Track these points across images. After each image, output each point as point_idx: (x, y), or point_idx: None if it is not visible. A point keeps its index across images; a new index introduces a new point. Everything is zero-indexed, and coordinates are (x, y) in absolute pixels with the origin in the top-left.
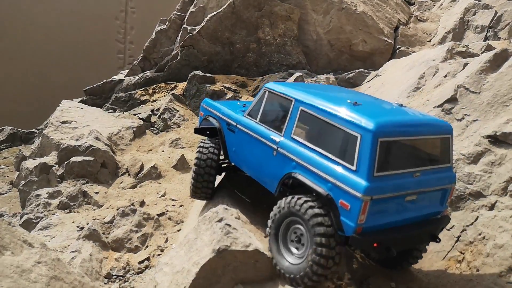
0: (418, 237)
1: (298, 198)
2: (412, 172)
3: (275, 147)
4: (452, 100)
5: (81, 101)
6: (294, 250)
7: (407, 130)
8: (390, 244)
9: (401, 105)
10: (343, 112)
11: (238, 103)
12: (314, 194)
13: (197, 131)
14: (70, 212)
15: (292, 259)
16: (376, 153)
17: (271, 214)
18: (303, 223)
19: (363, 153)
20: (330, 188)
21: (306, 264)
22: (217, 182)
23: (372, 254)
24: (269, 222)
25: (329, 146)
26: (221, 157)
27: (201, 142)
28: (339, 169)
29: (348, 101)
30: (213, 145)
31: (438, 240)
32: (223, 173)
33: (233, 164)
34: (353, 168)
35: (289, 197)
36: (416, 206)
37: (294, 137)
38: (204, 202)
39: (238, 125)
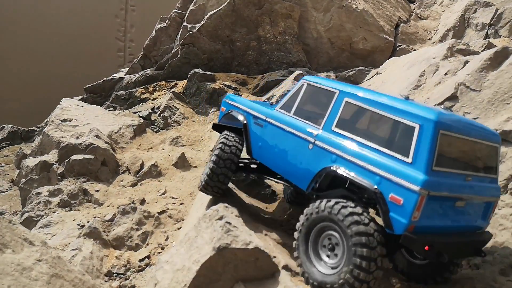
0: (467, 248)
1: (343, 206)
2: (465, 175)
3: (312, 140)
4: (453, 98)
5: (81, 99)
6: (325, 257)
7: (467, 129)
8: (442, 249)
9: (449, 109)
10: (398, 103)
11: (267, 102)
12: (345, 194)
13: (216, 127)
14: (70, 210)
15: (323, 268)
16: (436, 145)
17: (306, 210)
18: (341, 234)
19: (422, 145)
20: (379, 181)
21: (338, 279)
22: None
23: (397, 263)
24: (298, 225)
25: (378, 138)
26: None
27: (225, 136)
28: (390, 162)
29: (399, 95)
30: (238, 141)
31: (483, 254)
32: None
33: (251, 164)
34: (409, 160)
35: (332, 201)
36: (463, 215)
37: (336, 129)
38: (204, 200)
39: (267, 119)
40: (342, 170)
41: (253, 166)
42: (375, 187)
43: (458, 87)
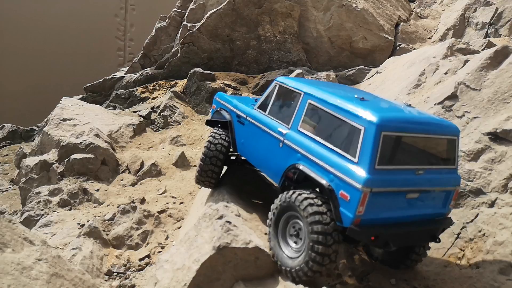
0: (418, 235)
1: (299, 194)
2: (415, 170)
3: (282, 139)
4: (453, 97)
5: (81, 99)
6: (292, 244)
7: (411, 127)
8: (388, 239)
9: (409, 105)
10: (349, 105)
11: (253, 98)
12: (316, 187)
13: (209, 123)
14: (70, 209)
15: (289, 252)
16: (378, 146)
17: (272, 206)
18: (301, 219)
19: (366, 146)
20: (332, 179)
21: (303, 259)
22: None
23: (372, 251)
24: (270, 214)
25: (333, 138)
26: (231, 149)
27: (211, 134)
28: (341, 161)
29: (356, 96)
30: (225, 134)
31: (438, 240)
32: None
33: (241, 157)
34: (355, 160)
35: (290, 192)
36: (417, 205)
37: (301, 129)
38: (204, 200)
39: (247, 117)
40: (304, 168)
41: (243, 158)
42: (328, 184)
43: (458, 86)
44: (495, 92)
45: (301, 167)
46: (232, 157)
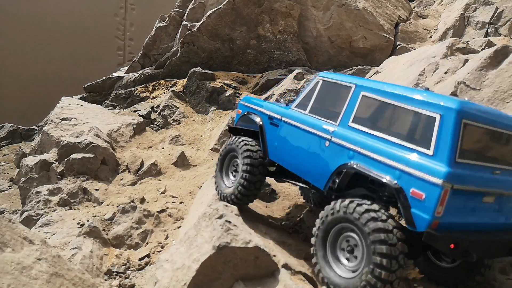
0: (498, 246)
1: (358, 204)
2: (493, 169)
3: (329, 137)
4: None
5: (81, 98)
6: (344, 261)
7: (492, 118)
8: (469, 247)
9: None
10: (417, 94)
11: (278, 103)
12: (367, 193)
13: (232, 130)
14: (70, 209)
15: (341, 271)
16: (459, 135)
17: (321, 214)
18: (359, 234)
19: (444, 135)
20: (399, 176)
21: (359, 282)
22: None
23: (431, 267)
24: (317, 222)
25: (397, 131)
26: None
27: (241, 137)
28: (411, 155)
29: (419, 87)
30: (255, 142)
31: (509, 255)
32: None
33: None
34: (430, 152)
35: (347, 201)
36: (493, 211)
37: (353, 125)
38: (204, 199)
39: (283, 118)
40: (359, 166)
41: (271, 169)
42: (395, 182)
43: (458, 86)
44: (495, 91)
45: (355, 165)
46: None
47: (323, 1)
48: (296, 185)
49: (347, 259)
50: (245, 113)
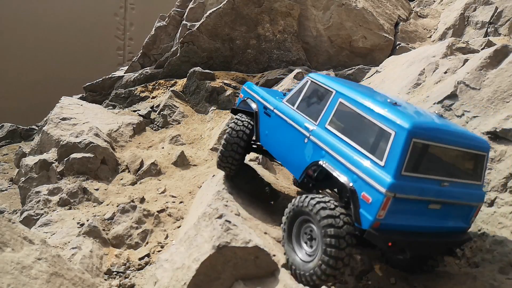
0: (435, 246)
1: (312, 198)
2: (440, 181)
3: (308, 134)
4: (452, 96)
5: (80, 98)
6: (306, 248)
7: (443, 137)
8: (405, 246)
9: (441, 116)
10: (381, 109)
11: (281, 92)
12: (335, 187)
13: (234, 111)
14: (70, 208)
15: (303, 256)
16: (407, 152)
17: (286, 210)
18: (314, 223)
19: (394, 150)
20: (355, 180)
21: (316, 263)
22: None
23: (388, 256)
24: (284, 218)
25: (361, 140)
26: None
27: (234, 120)
28: (367, 163)
29: (388, 100)
30: (248, 121)
31: (454, 254)
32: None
33: (262, 146)
34: (382, 163)
35: (303, 196)
36: (438, 217)
37: (328, 127)
38: (204, 199)
39: (275, 110)
40: (327, 165)
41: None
42: (351, 184)
43: (458, 86)
44: (495, 91)
45: (324, 164)
46: (254, 146)
47: (323, 0)
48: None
49: (310, 246)
50: (245, 98)
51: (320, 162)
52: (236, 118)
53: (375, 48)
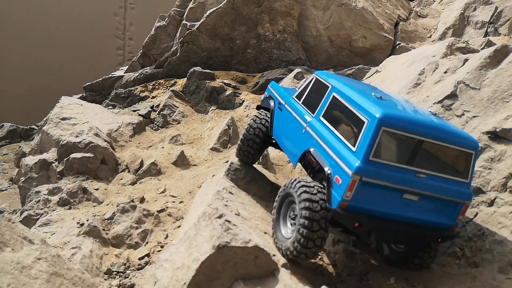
0: (408, 237)
1: (299, 182)
2: (415, 172)
3: (305, 125)
4: (452, 96)
5: (80, 98)
6: (289, 225)
7: (415, 128)
8: (373, 229)
9: (435, 114)
10: (362, 100)
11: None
12: (320, 171)
13: (259, 107)
14: (70, 208)
15: (285, 232)
16: (376, 139)
17: (279, 191)
18: (297, 204)
19: (365, 137)
20: (333, 165)
21: (292, 240)
22: None
23: (381, 249)
24: (276, 198)
25: (343, 129)
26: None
27: (253, 117)
28: (343, 149)
29: (373, 94)
30: (266, 118)
31: (429, 248)
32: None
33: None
34: (354, 149)
35: (293, 179)
36: (416, 208)
37: (321, 118)
38: (203, 199)
39: (285, 104)
40: (314, 153)
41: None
42: (328, 169)
43: (458, 85)
44: (495, 91)
45: (312, 152)
46: (273, 141)
47: (322, 0)
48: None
49: (291, 224)
50: (267, 96)
51: (311, 150)
52: (254, 116)
53: (375, 48)
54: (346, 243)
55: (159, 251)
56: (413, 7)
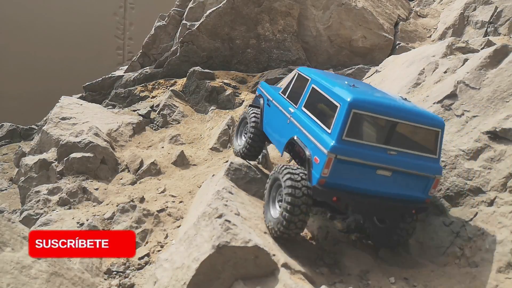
0: (382, 209)
1: (285, 168)
2: (386, 149)
3: (289, 116)
4: (452, 96)
5: (80, 97)
6: (277, 207)
7: (384, 110)
8: (349, 203)
9: (405, 99)
10: (336, 88)
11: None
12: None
13: (251, 106)
14: (70, 208)
15: (274, 213)
16: (347, 120)
17: (270, 174)
18: (283, 188)
19: (338, 119)
20: (312, 147)
21: (276, 221)
22: None
23: (364, 227)
24: (267, 180)
25: (320, 115)
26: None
27: (252, 110)
28: (320, 132)
29: (346, 82)
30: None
31: (403, 220)
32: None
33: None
34: (329, 131)
35: (281, 165)
36: (389, 183)
37: (303, 108)
38: (203, 198)
39: (272, 100)
40: (297, 140)
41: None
42: (309, 152)
43: (458, 85)
44: (495, 91)
45: (296, 139)
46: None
47: (322, 0)
48: None
49: (279, 206)
50: (258, 95)
51: (294, 138)
52: (245, 112)
53: (375, 48)
54: (346, 243)
55: (159, 251)
56: (413, 7)
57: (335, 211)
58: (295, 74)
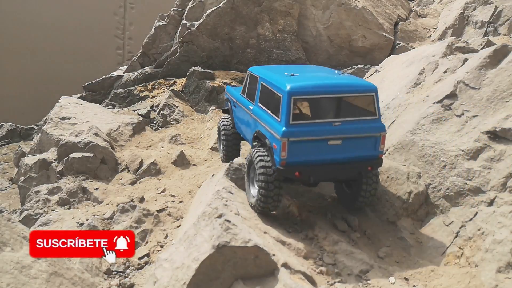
0: (341, 172)
1: (256, 152)
2: (331, 122)
3: (250, 113)
4: (452, 95)
5: (80, 97)
6: (256, 186)
7: (320, 90)
8: (310, 174)
9: (342, 73)
10: (277, 81)
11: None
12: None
13: (223, 111)
14: (69, 208)
15: (253, 192)
16: (290, 107)
17: (245, 158)
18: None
19: (283, 108)
20: (270, 137)
21: (255, 198)
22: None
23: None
24: (244, 163)
25: (271, 107)
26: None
27: (221, 118)
28: (273, 122)
29: (286, 73)
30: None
31: (362, 176)
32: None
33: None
34: (279, 120)
35: (253, 149)
36: (342, 149)
37: (259, 104)
38: (203, 198)
39: (236, 101)
40: (259, 132)
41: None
42: (268, 140)
43: (457, 85)
44: (494, 90)
45: (258, 131)
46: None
47: (322, 0)
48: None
49: (257, 186)
50: (226, 99)
51: (257, 130)
52: (222, 122)
53: (375, 48)
54: (346, 243)
55: (158, 250)
56: (413, 7)
57: (305, 184)
58: (248, 74)
